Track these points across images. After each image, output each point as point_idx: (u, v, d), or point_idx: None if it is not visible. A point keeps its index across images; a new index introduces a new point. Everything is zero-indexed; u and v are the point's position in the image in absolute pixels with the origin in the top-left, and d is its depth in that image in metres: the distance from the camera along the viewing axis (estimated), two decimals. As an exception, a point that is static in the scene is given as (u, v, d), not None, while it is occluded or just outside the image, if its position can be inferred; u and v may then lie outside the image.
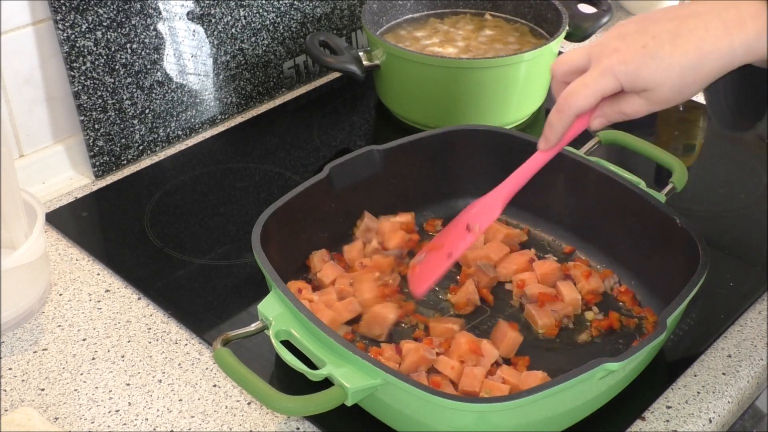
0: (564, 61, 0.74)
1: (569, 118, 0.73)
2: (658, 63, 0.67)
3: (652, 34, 0.68)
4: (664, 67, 0.67)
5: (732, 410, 0.85)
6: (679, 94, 0.69)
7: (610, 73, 0.69)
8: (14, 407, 0.82)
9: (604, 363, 0.73)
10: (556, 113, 0.74)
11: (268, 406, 0.73)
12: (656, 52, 0.67)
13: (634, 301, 0.92)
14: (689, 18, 0.67)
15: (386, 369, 0.72)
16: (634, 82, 0.69)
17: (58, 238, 1.04)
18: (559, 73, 0.75)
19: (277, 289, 0.80)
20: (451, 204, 1.05)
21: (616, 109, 0.72)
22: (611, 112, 0.73)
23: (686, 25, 0.67)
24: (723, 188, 1.13)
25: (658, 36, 0.67)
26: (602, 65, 0.70)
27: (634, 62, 0.68)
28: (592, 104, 0.72)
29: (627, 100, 0.71)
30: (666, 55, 0.67)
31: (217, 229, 1.06)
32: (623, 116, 0.72)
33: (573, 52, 0.74)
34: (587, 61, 0.72)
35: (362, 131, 1.27)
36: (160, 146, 1.19)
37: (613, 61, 0.69)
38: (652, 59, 0.67)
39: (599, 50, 0.71)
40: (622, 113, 0.72)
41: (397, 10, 1.32)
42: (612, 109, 0.72)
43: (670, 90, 0.68)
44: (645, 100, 0.70)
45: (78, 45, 1.06)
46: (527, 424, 0.75)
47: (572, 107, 0.72)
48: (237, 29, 1.22)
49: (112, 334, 0.91)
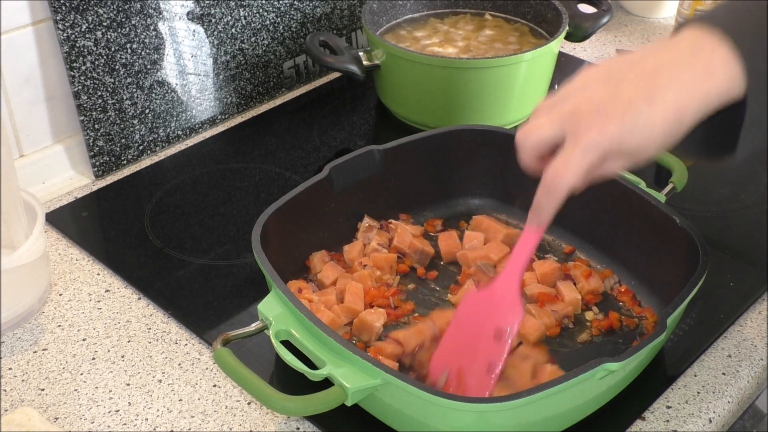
0: (533, 133, 0.71)
1: (560, 199, 0.71)
2: (641, 130, 0.66)
3: (626, 100, 0.66)
4: (646, 133, 0.66)
5: (732, 410, 0.85)
6: (661, 150, 0.69)
7: (593, 147, 0.67)
8: (14, 407, 0.82)
9: (604, 363, 0.73)
10: (545, 195, 0.71)
11: (268, 406, 0.73)
12: (636, 120, 0.66)
13: (634, 301, 0.92)
14: (659, 75, 0.66)
15: (386, 369, 0.72)
16: (618, 151, 0.68)
17: (58, 238, 1.04)
18: (528, 147, 0.71)
19: (277, 289, 0.80)
20: (451, 204, 1.05)
21: (598, 172, 0.70)
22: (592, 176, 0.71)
23: (658, 84, 0.66)
24: (723, 188, 1.13)
25: (633, 101, 0.66)
26: (583, 141, 0.67)
27: (617, 134, 0.66)
28: (581, 181, 0.69)
29: (608, 163, 0.69)
30: (646, 120, 0.66)
31: (217, 229, 1.06)
32: (604, 177, 0.71)
33: (540, 122, 0.70)
34: (560, 133, 0.69)
35: (362, 131, 1.27)
36: (160, 146, 1.19)
37: (594, 136, 0.67)
38: (634, 127, 0.66)
39: (573, 122, 0.68)
40: (604, 175, 0.71)
41: (397, 10, 1.32)
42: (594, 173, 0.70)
43: (655, 148, 0.68)
44: (627, 160, 0.69)
45: (78, 45, 1.06)
46: (527, 424, 0.75)
47: (562, 188, 0.69)
48: (237, 29, 1.22)
49: (112, 334, 0.91)
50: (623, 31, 1.53)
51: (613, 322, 0.90)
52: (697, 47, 0.66)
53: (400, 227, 0.98)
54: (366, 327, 0.87)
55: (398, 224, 0.99)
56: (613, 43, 1.48)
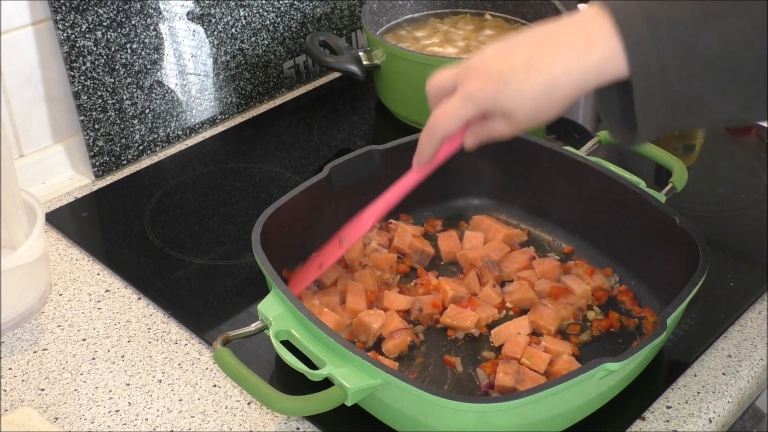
0: (436, 80, 0.77)
1: (438, 141, 0.76)
2: (512, 90, 0.69)
3: (508, 61, 0.69)
4: (517, 94, 0.69)
5: (732, 410, 0.85)
6: (535, 119, 0.71)
7: (471, 99, 0.71)
8: (14, 407, 0.82)
9: (604, 363, 0.73)
10: (426, 135, 0.77)
11: (268, 406, 0.73)
12: (510, 80, 0.69)
13: (634, 301, 0.92)
14: (542, 43, 0.69)
15: (386, 369, 0.72)
16: (492, 108, 0.71)
17: (58, 238, 1.04)
18: (432, 92, 0.78)
19: (277, 289, 0.80)
20: (451, 204, 1.05)
21: (485, 130, 0.75)
22: (481, 133, 0.75)
23: (539, 51, 0.68)
24: (723, 188, 1.13)
25: (513, 63, 0.69)
26: (464, 91, 0.72)
27: (491, 89, 0.70)
28: (458, 128, 0.74)
29: (493, 122, 0.73)
30: (519, 82, 0.69)
31: (217, 229, 1.06)
32: (492, 137, 0.75)
33: (444, 72, 0.76)
34: (454, 83, 0.74)
35: (362, 131, 1.27)
36: (160, 146, 1.19)
37: (474, 88, 0.71)
38: (506, 86, 0.69)
39: (464, 75, 0.73)
40: (490, 134, 0.75)
41: (397, 10, 1.32)
42: (481, 130, 0.75)
43: (527, 114, 0.70)
44: (507, 123, 0.72)
45: (78, 45, 1.06)
46: (527, 424, 0.75)
47: (439, 131, 0.75)
48: (237, 29, 1.22)
49: (112, 334, 0.91)
50: (623, 31, 1.52)
51: (613, 322, 0.90)
52: (583, 22, 0.67)
53: (401, 227, 0.98)
54: (364, 328, 0.87)
55: (398, 224, 0.99)
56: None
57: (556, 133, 1.25)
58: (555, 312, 0.89)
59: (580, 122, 1.26)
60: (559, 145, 1.00)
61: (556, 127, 1.26)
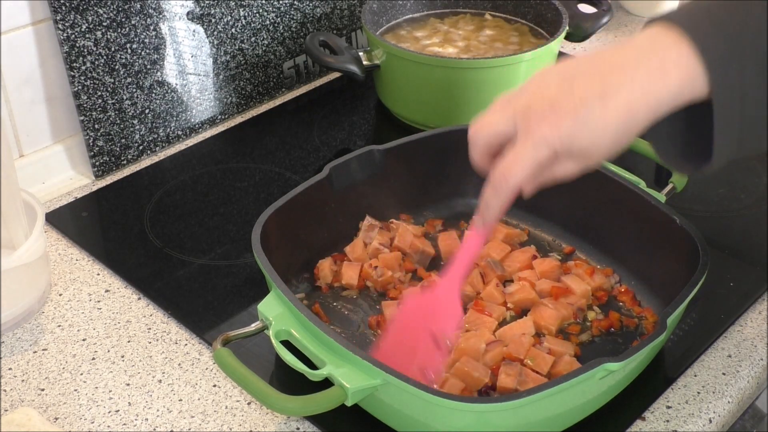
0: (484, 129, 0.70)
1: (507, 196, 0.69)
2: (592, 128, 0.65)
3: (580, 96, 0.65)
4: (598, 131, 0.65)
5: (732, 410, 0.85)
6: (612, 151, 0.67)
7: (544, 143, 0.66)
8: (14, 407, 0.82)
9: (604, 363, 0.73)
10: (493, 192, 0.69)
11: (268, 406, 0.73)
12: (588, 117, 0.64)
13: (634, 301, 0.92)
14: (613, 73, 0.65)
15: (386, 369, 0.72)
16: (569, 149, 0.66)
17: (58, 238, 1.04)
18: (480, 140, 0.71)
19: (277, 289, 0.80)
20: (451, 204, 1.05)
21: (548, 174, 0.69)
22: (543, 178, 0.70)
23: (612, 82, 0.64)
24: (723, 188, 1.13)
25: (586, 98, 0.64)
26: (534, 136, 0.66)
27: (567, 130, 0.65)
28: (529, 178, 0.68)
29: (560, 164, 0.68)
30: (598, 118, 0.64)
31: (217, 229, 1.06)
32: (555, 180, 0.70)
33: (493, 116, 0.69)
34: (512, 128, 0.68)
35: (362, 131, 1.27)
36: (160, 146, 1.19)
37: (545, 131, 0.65)
38: (585, 125, 0.64)
39: (525, 117, 0.67)
40: (554, 177, 0.70)
41: (397, 10, 1.32)
42: (543, 175, 0.69)
43: (605, 149, 0.66)
44: (577, 162, 0.68)
45: (78, 45, 1.06)
46: (527, 424, 0.75)
47: (510, 184, 0.68)
48: (237, 29, 1.22)
49: (112, 334, 0.91)
50: (623, 31, 1.53)
51: (613, 322, 0.90)
52: (653, 45, 0.64)
53: (402, 227, 0.98)
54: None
55: (399, 224, 0.99)
56: (613, 43, 1.48)
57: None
58: (556, 312, 0.89)
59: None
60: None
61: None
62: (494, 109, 0.70)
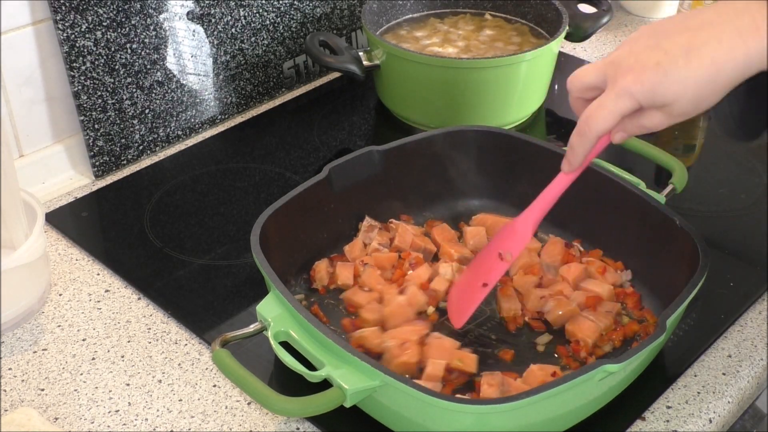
0: (578, 78, 0.75)
1: (591, 142, 0.74)
2: (674, 79, 0.67)
3: (665, 50, 0.67)
4: (679, 83, 0.67)
5: (732, 410, 0.85)
6: (698, 106, 0.69)
7: (626, 93, 0.70)
8: (14, 407, 0.82)
9: (604, 364, 0.73)
10: (578, 137, 0.75)
11: (267, 408, 0.73)
12: (670, 69, 0.67)
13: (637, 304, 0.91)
14: (701, 29, 0.67)
15: (385, 370, 0.72)
16: (651, 100, 0.69)
17: (58, 238, 1.04)
18: (574, 90, 0.76)
19: (276, 290, 0.80)
20: (451, 204, 1.05)
21: (637, 123, 0.73)
22: (632, 127, 0.73)
23: (699, 38, 0.66)
24: (723, 188, 1.13)
25: (671, 51, 0.67)
26: (618, 86, 0.70)
27: (649, 81, 0.68)
28: (612, 126, 0.72)
29: (647, 115, 0.71)
30: (681, 70, 0.67)
31: (217, 229, 1.06)
32: (644, 130, 0.73)
33: (587, 69, 0.74)
34: (602, 79, 0.72)
35: (362, 131, 1.27)
36: (160, 146, 1.19)
37: (629, 82, 0.69)
38: (666, 76, 0.67)
39: (614, 69, 0.71)
40: (643, 127, 0.73)
41: (397, 10, 1.32)
42: (632, 124, 0.73)
43: (688, 103, 0.68)
44: (664, 114, 0.71)
45: (78, 45, 1.06)
46: (527, 425, 0.75)
47: (593, 130, 0.73)
48: (237, 29, 1.22)
49: (112, 334, 0.91)
50: (623, 31, 1.53)
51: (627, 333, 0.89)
52: (747, 4, 0.66)
53: (401, 227, 0.98)
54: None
55: (399, 224, 0.99)
56: (613, 43, 1.48)
57: (556, 133, 1.25)
58: (595, 324, 0.86)
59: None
60: (559, 146, 1.00)
61: (556, 127, 1.27)
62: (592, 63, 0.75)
